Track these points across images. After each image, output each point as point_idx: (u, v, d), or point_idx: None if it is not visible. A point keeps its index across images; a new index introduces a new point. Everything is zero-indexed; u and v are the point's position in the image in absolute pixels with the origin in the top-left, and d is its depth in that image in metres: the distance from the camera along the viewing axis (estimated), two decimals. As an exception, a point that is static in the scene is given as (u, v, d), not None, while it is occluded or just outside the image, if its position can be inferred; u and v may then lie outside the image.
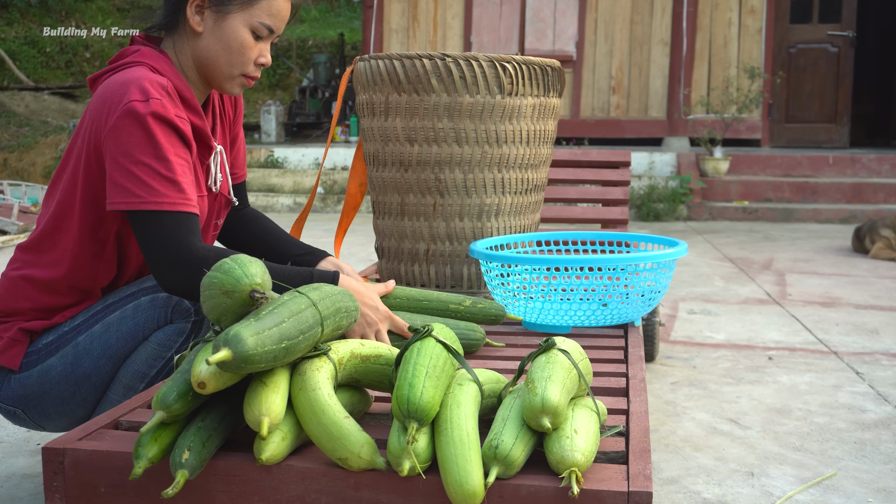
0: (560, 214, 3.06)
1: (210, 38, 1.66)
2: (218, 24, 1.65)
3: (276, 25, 1.68)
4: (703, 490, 1.91)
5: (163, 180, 1.53)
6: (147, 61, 1.64)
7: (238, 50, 1.66)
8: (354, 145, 9.62)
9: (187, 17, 1.66)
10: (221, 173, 1.79)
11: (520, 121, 2.23)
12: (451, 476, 1.09)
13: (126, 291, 1.68)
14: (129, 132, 1.53)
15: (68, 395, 1.67)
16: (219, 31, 1.65)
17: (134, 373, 1.66)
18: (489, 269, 2.03)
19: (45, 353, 1.66)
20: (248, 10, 1.65)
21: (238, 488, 1.19)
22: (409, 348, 1.24)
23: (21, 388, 1.66)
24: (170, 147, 1.55)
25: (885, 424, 2.36)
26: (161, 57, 1.67)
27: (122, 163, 1.53)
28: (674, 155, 8.54)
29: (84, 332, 1.65)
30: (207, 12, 1.65)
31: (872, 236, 5.43)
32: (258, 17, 1.65)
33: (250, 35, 1.66)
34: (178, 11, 1.68)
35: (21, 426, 1.76)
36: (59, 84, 12.20)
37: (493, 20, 9.75)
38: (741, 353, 3.13)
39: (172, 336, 1.64)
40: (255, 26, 1.66)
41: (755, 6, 9.46)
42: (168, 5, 1.70)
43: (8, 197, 6.82)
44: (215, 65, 1.68)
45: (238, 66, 1.68)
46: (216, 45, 1.66)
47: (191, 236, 1.53)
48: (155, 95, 1.55)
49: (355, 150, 2.48)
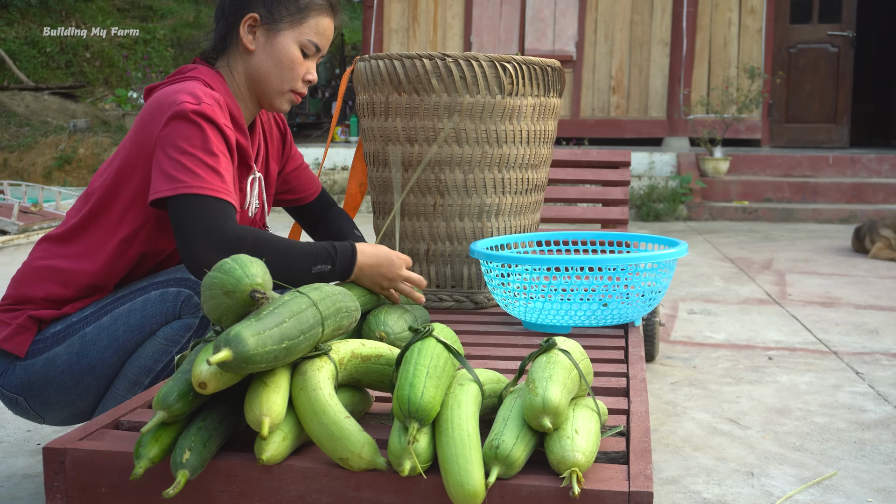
0: (560, 214, 3.06)
1: (262, 55, 1.77)
2: (269, 41, 1.76)
3: (321, 43, 1.81)
4: (703, 490, 1.91)
5: (208, 169, 1.57)
6: (202, 77, 1.74)
7: (289, 65, 1.77)
8: (354, 145, 9.63)
9: (240, 36, 1.77)
10: (258, 200, 1.88)
11: (520, 121, 2.23)
12: (452, 476, 1.09)
13: (137, 286, 1.71)
14: (179, 128, 1.59)
15: (71, 384, 1.69)
16: (270, 48, 1.76)
17: (140, 367, 1.67)
18: (489, 269, 2.03)
19: (52, 342, 1.69)
20: (297, 28, 1.77)
21: (239, 488, 1.19)
22: (410, 348, 1.24)
23: (25, 374, 1.69)
24: (217, 144, 1.61)
25: (885, 424, 2.36)
26: (216, 75, 1.77)
27: (169, 153, 1.58)
28: (674, 155, 8.54)
29: (92, 323, 1.68)
30: (259, 31, 1.76)
31: (872, 236, 5.43)
32: (307, 35, 1.77)
33: (299, 52, 1.78)
34: (231, 32, 1.79)
35: (21, 416, 1.78)
36: (59, 84, 12.20)
37: (493, 20, 9.75)
38: (741, 353, 3.13)
39: (180, 331, 1.66)
40: (303, 43, 1.78)
41: (755, 6, 9.46)
42: (221, 27, 1.80)
43: (8, 197, 6.81)
44: (267, 80, 1.78)
45: (288, 81, 1.78)
46: (268, 61, 1.77)
47: (230, 221, 1.56)
48: (207, 101, 1.63)
49: (355, 150, 2.48)
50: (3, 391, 1.73)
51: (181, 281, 1.67)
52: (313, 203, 2.14)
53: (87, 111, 11.52)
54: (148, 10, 15.13)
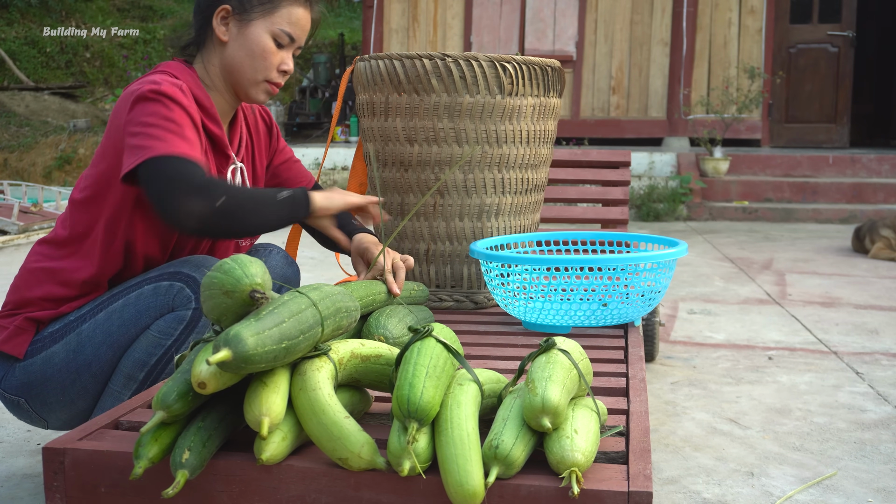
0: (560, 214, 3.06)
1: (235, 46, 1.79)
2: (242, 31, 1.78)
3: (296, 34, 1.81)
4: (703, 490, 1.91)
5: (173, 135, 1.60)
6: (168, 70, 1.76)
7: (260, 55, 1.78)
8: (354, 145, 9.62)
9: (213, 28, 1.79)
10: None
11: (520, 121, 2.23)
12: (452, 476, 1.09)
13: (131, 282, 1.72)
14: (141, 107, 1.63)
15: (69, 382, 1.70)
16: (242, 38, 1.78)
17: (134, 361, 1.68)
18: (489, 269, 2.03)
19: (49, 341, 1.70)
20: (269, 18, 1.78)
21: (238, 488, 1.19)
22: (410, 348, 1.24)
23: (24, 375, 1.70)
24: (180, 117, 1.64)
25: (885, 424, 2.36)
26: (185, 69, 1.80)
27: (133, 131, 1.61)
28: (674, 155, 8.54)
29: (88, 321, 1.70)
30: (232, 22, 1.78)
31: (872, 236, 5.43)
32: (279, 24, 1.78)
33: (272, 41, 1.79)
34: (205, 26, 1.81)
35: (24, 420, 1.79)
36: (59, 84, 12.20)
37: (493, 20, 9.75)
38: (741, 353, 3.13)
39: (172, 324, 1.66)
40: (276, 33, 1.78)
41: (755, 6, 9.46)
42: (197, 22, 1.83)
43: (8, 197, 6.81)
44: (241, 70, 1.79)
45: (261, 70, 1.79)
46: (240, 51, 1.78)
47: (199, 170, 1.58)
48: (166, 85, 1.65)
49: (355, 150, 2.48)
50: (5, 394, 1.74)
51: (173, 275, 1.68)
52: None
53: (87, 111, 11.52)
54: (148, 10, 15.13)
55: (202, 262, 1.70)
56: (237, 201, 1.58)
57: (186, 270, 1.67)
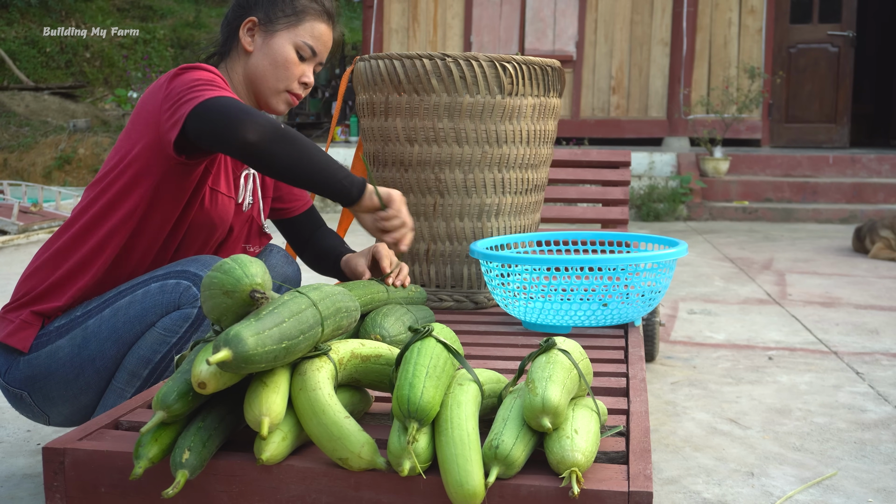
0: (560, 214, 3.06)
1: (259, 55, 1.86)
2: (266, 41, 1.85)
3: (318, 48, 1.88)
4: (703, 490, 1.91)
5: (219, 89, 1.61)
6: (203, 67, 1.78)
7: (283, 64, 1.85)
8: (354, 145, 9.62)
9: (240, 38, 1.86)
10: (253, 197, 1.93)
11: (520, 121, 2.23)
12: (452, 476, 1.09)
13: (138, 279, 1.73)
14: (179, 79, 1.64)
15: (73, 377, 1.70)
16: (267, 48, 1.85)
17: (139, 358, 1.68)
18: (489, 269, 2.03)
19: (55, 335, 1.71)
20: (293, 30, 1.85)
21: (238, 488, 1.19)
22: (410, 348, 1.24)
23: (29, 368, 1.71)
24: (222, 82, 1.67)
25: (885, 424, 2.36)
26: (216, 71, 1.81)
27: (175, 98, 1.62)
28: (674, 155, 8.54)
29: (94, 316, 1.70)
30: (258, 33, 1.86)
31: (872, 236, 5.44)
32: (302, 37, 1.86)
33: (294, 53, 1.86)
34: (232, 37, 1.88)
35: (26, 414, 1.79)
36: (59, 84, 12.20)
37: (493, 20, 9.75)
38: (741, 353, 3.13)
39: (178, 321, 1.66)
40: (299, 45, 1.86)
41: (755, 6, 9.46)
42: (224, 33, 1.91)
43: (8, 197, 6.81)
44: (263, 79, 1.86)
45: (283, 80, 1.86)
46: (264, 60, 1.85)
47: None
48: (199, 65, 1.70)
49: (355, 150, 2.48)
50: (8, 387, 1.74)
51: (180, 273, 1.68)
52: (303, 217, 2.14)
53: (87, 111, 11.53)
54: (148, 10, 15.14)
55: (209, 261, 1.71)
56: (299, 136, 1.61)
57: (193, 269, 1.68)
